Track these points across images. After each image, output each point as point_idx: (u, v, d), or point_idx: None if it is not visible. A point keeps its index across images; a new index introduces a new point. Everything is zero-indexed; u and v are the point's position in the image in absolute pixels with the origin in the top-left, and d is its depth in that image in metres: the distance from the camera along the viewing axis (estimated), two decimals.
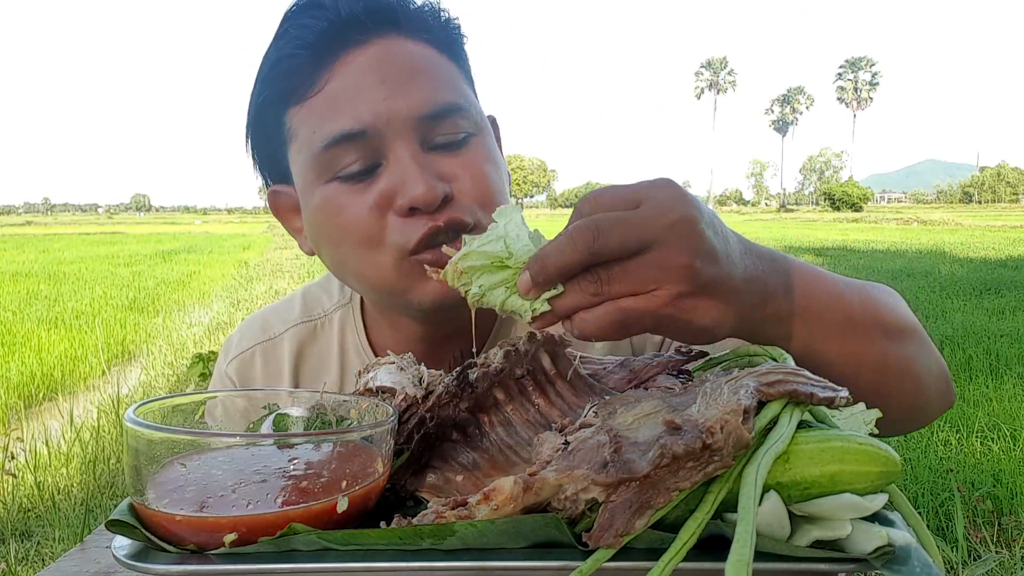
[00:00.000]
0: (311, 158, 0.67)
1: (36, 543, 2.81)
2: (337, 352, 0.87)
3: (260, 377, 0.88)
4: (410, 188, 0.65)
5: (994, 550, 2.56)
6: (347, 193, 0.67)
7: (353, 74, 0.66)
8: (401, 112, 0.66)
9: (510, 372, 0.59)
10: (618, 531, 0.42)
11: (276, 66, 0.67)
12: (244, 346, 0.89)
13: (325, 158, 0.66)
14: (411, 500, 0.58)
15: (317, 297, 0.91)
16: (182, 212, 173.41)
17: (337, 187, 0.68)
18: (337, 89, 0.66)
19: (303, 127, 0.67)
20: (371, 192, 0.67)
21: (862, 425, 0.52)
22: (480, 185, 0.70)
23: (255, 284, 11.08)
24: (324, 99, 0.66)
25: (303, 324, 0.89)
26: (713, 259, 0.51)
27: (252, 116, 0.72)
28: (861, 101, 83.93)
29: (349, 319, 0.88)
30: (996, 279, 9.17)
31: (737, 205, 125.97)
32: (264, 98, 0.69)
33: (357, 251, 0.69)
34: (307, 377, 0.88)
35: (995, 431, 3.60)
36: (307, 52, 0.66)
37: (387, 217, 0.67)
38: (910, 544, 0.44)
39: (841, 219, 39.17)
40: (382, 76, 0.66)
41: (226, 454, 0.52)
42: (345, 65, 0.66)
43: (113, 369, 5.82)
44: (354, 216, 0.67)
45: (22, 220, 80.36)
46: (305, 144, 0.67)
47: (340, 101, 0.66)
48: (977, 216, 40.35)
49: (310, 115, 0.67)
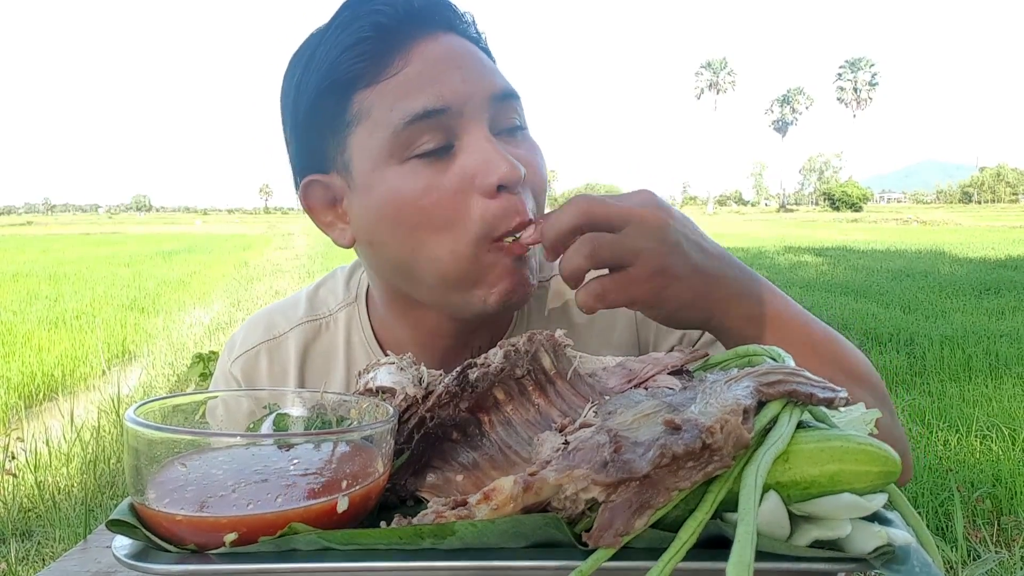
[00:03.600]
0: (389, 136, 0.67)
1: (36, 543, 2.81)
2: (343, 350, 0.87)
3: (265, 375, 0.87)
4: (495, 166, 0.66)
5: (993, 550, 2.56)
6: (428, 172, 0.68)
7: (428, 60, 0.68)
8: (477, 92, 0.68)
9: (510, 372, 0.59)
10: (618, 531, 0.42)
11: (348, 50, 0.68)
12: (248, 344, 0.89)
13: (404, 136, 0.67)
14: (411, 500, 0.58)
15: (322, 296, 0.91)
16: (182, 212, 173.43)
17: (416, 164, 0.68)
18: (413, 73, 0.68)
19: (377, 107, 0.68)
20: (450, 173, 0.68)
21: (862, 425, 0.52)
22: (539, 174, 0.73)
23: (255, 284, 11.08)
24: (401, 81, 0.67)
25: (308, 323, 0.89)
26: (682, 251, 0.63)
27: (304, 102, 0.71)
28: (861, 101, 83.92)
29: (355, 317, 0.88)
30: (996, 279, 9.17)
31: (737, 205, 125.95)
32: (329, 82, 0.69)
33: (437, 233, 0.68)
34: (313, 375, 0.87)
35: (994, 431, 3.60)
36: (381, 37, 0.68)
37: (471, 198, 0.68)
38: (909, 544, 0.44)
39: (841, 219, 39.18)
40: (456, 63, 0.69)
41: (226, 454, 0.52)
42: (418, 52, 0.68)
43: (113, 369, 5.82)
44: (438, 197, 0.67)
45: (23, 220, 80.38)
46: (380, 123, 0.68)
47: (419, 82, 0.67)
48: (977, 216, 40.34)
49: (385, 96, 0.68)
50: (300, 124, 0.72)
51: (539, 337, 0.61)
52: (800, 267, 11.71)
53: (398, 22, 0.68)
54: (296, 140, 0.74)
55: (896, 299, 7.91)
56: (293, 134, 0.74)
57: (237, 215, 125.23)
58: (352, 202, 0.73)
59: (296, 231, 33.81)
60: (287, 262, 15.04)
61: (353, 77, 0.68)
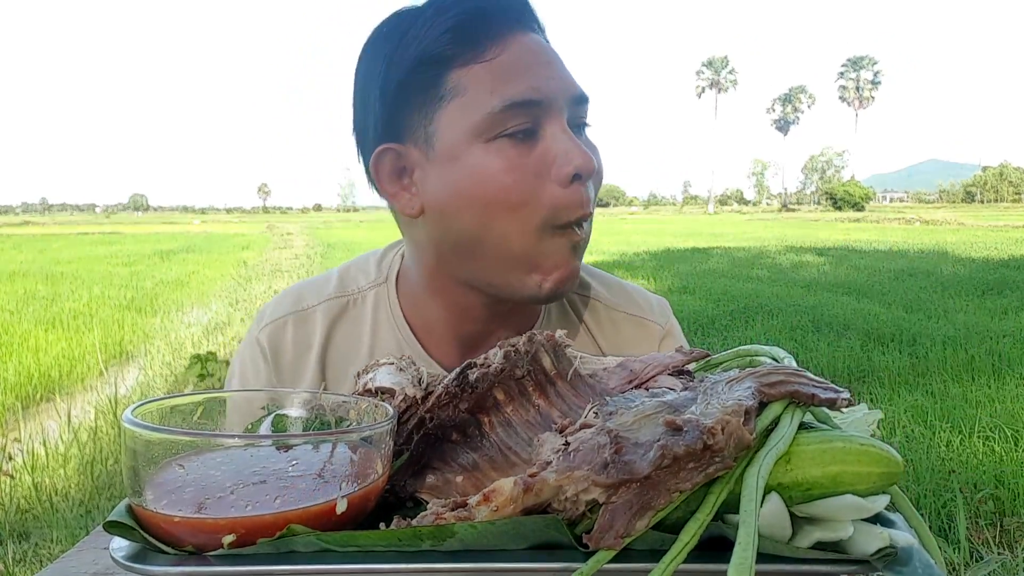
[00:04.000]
0: (484, 116, 0.72)
1: (34, 544, 2.81)
2: (370, 328, 0.90)
3: (290, 345, 0.89)
4: (573, 157, 0.72)
5: (996, 551, 2.56)
6: (512, 153, 0.73)
7: (522, 52, 0.74)
8: (562, 91, 0.74)
9: (510, 372, 0.59)
10: (619, 532, 0.42)
11: (449, 31, 0.73)
12: (277, 315, 0.91)
13: (498, 118, 0.72)
14: (411, 501, 0.58)
15: (353, 275, 0.94)
16: (180, 212, 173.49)
17: (504, 144, 0.73)
18: (509, 61, 0.73)
19: (474, 87, 0.73)
20: (532, 156, 0.73)
21: (864, 426, 0.52)
22: (600, 172, 0.78)
23: (254, 284, 11.08)
24: (499, 66, 0.73)
25: (336, 299, 0.92)
26: None
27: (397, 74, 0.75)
28: (863, 100, 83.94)
29: (384, 297, 0.91)
30: (999, 279, 9.16)
31: (738, 205, 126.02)
32: (427, 58, 0.73)
33: (511, 211, 0.73)
34: (336, 351, 0.90)
35: (997, 432, 3.59)
36: (480, 23, 0.73)
37: (546, 183, 0.73)
38: (912, 545, 0.43)
39: (843, 219, 39.18)
40: (546, 59, 0.75)
41: (225, 455, 0.52)
42: (514, 43, 0.74)
43: (111, 369, 5.81)
44: (520, 178, 0.72)
45: (19, 220, 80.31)
46: (475, 103, 0.72)
47: (517, 70, 0.73)
48: (979, 216, 40.34)
49: (483, 78, 0.72)
50: (389, 94, 0.76)
51: (539, 338, 0.61)
52: (802, 267, 11.71)
53: (494, 12, 0.74)
54: (379, 110, 0.77)
55: (898, 299, 7.91)
56: (379, 103, 0.77)
57: (236, 214, 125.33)
58: (428, 173, 0.76)
59: (295, 231, 33.84)
60: (286, 262, 15.04)
61: (451, 56, 0.73)
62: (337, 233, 29.03)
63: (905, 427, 3.71)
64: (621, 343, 0.94)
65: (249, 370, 0.89)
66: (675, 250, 15.80)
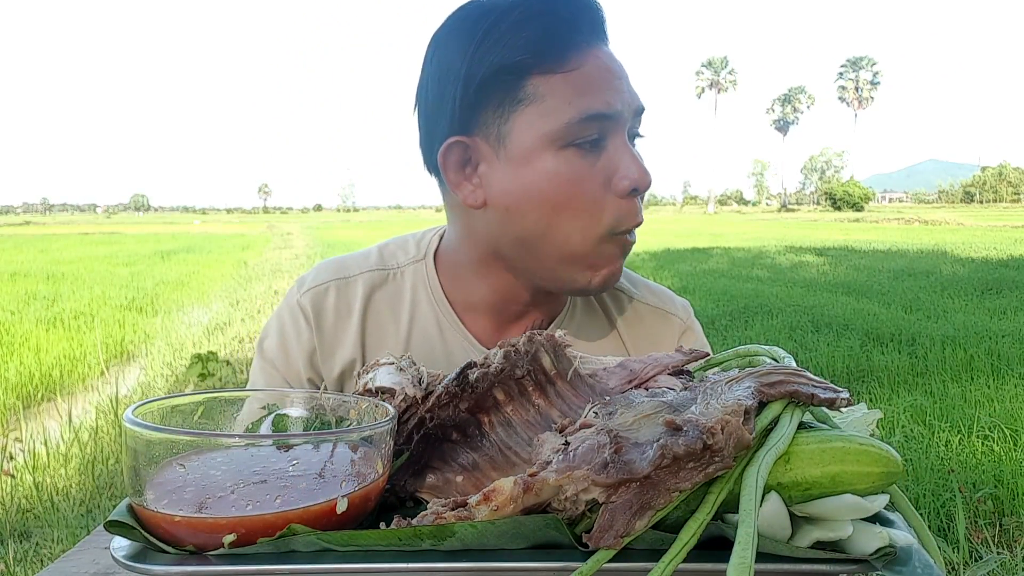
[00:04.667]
0: (562, 125, 0.76)
1: (35, 544, 2.81)
2: (408, 301, 0.94)
3: (332, 310, 0.93)
4: (633, 171, 0.77)
5: (995, 551, 2.56)
6: (581, 163, 0.77)
7: (600, 66, 0.78)
8: (630, 106, 0.79)
9: (510, 372, 0.59)
10: (618, 532, 0.42)
11: (535, 38, 0.76)
12: (319, 281, 0.95)
13: (573, 128, 0.76)
14: (411, 501, 0.58)
15: (392, 252, 0.98)
16: (181, 212, 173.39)
17: (573, 154, 0.77)
18: (588, 73, 0.76)
19: (552, 96, 0.76)
20: (597, 167, 0.78)
21: (863, 426, 0.52)
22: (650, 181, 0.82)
23: (254, 284, 11.07)
24: (578, 78, 0.76)
25: (377, 271, 0.96)
26: None
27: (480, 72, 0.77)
28: (862, 100, 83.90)
29: (422, 273, 0.95)
30: (998, 279, 9.16)
31: (738, 205, 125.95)
32: (511, 61, 0.76)
33: (576, 217, 0.78)
34: (374, 320, 0.93)
35: (996, 431, 3.59)
36: (564, 34, 0.76)
37: (608, 194, 0.78)
38: (911, 545, 0.44)
39: (842, 219, 39.15)
40: (619, 75, 0.79)
41: (225, 455, 0.52)
42: (592, 56, 0.77)
43: (112, 369, 5.81)
44: (587, 187, 0.77)
45: (20, 220, 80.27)
46: (554, 110, 0.76)
47: (594, 84, 0.76)
48: (979, 216, 40.30)
49: (563, 88, 0.76)
50: (470, 92, 0.78)
51: (539, 337, 0.61)
52: (801, 267, 11.71)
53: (578, 24, 0.77)
54: (458, 104, 0.80)
55: (898, 299, 7.91)
56: (459, 98, 0.79)
57: (236, 215, 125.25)
58: (495, 170, 0.80)
59: (295, 231, 33.82)
60: (286, 262, 15.03)
61: (533, 63, 0.76)
62: (337, 233, 29.01)
63: (904, 427, 3.71)
64: (643, 333, 0.97)
65: (291, 331, 0.92)
66: (675, 250, 15.80)
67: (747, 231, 25.73)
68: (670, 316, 0.98)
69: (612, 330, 0.96)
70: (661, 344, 0.96)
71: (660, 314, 0.98)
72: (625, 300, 0.98)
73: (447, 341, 0.91)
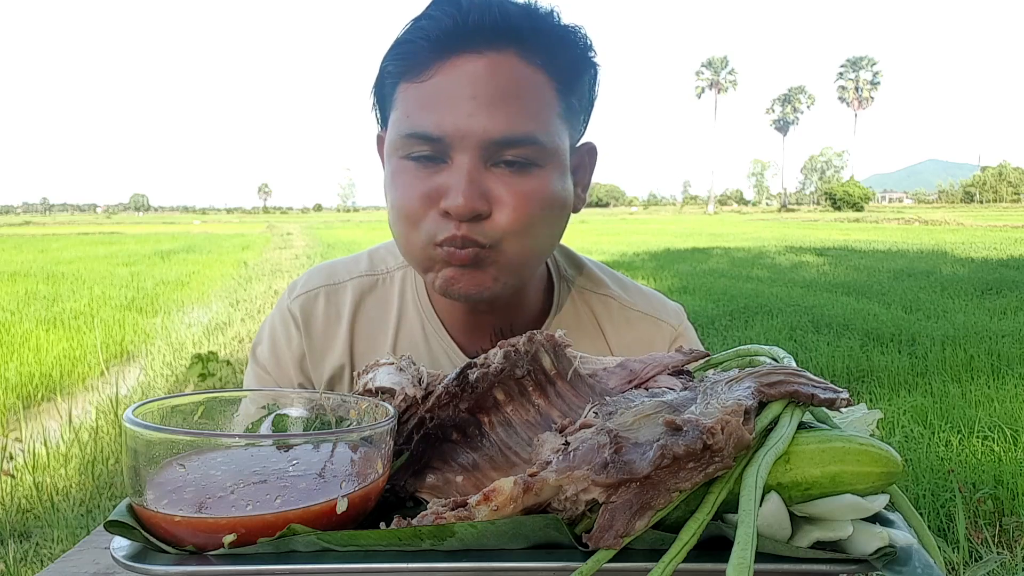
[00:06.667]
0: (396, 136, 0.77)
1: (35, 544, 2.81)
2: (396, 307, 0.94)
3: (321, 315, 0.94)
4: (452, 197, 0.73)
5: (995, 551, 2.56)
6: (413, 174, 0.76)
7: (456, 78, 0.73)
8: (476, 132, 0.72)
9: (510, 372, 0.59)
10: (618, 532, 0.42)
11: (399, 46, 0.76)
12: (309, 287, 0.96)
13: (404, 142, 0.76)
14: (411, 501, 0.58)
15: (382, 256, 0.99)
16: (181, 212, 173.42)
17: (407, 164, 0.77)
18: (438, 86, 0.74)
19: (404, 105, 0.76)
20: (428, 182, 0.76)
21: (863, 426, 0.52)
22: (519, 216, 0.75)
23: (254, 284, 11.07)
24: (426, 90, 0.74)
25: (366, 277, 0.97)
26: None
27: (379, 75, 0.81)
28: (862, 100, 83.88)
29: (409, 278, 0.96)
30: (998, 279, 9.16)
31: (738, 205, 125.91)
32: (386, 67, 0.78)
33: (404, 223, 0.78)
34: (363, 325, 0.94)
35: (996, 431, 3.59)
36: (427, 44, 0.74)
37: (431, 209, 0.76)
38: (911, 545, 0.44)
39: (842, 219, 39.14)
40: (476, 91, 0.72)
41: (225, 455, 0.52)
42: (454, 67, 0.73)
43: (112, 369, 5.81)
44: (410, 197, 0.76)
45: (20, 220, 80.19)
46: (397, 122, 0.77)
47: (434, 100, 0.73)
48: (979, 216, 40.28)
49: (409, 99, 0.76)
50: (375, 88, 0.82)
51: (539, 337, 0.61)
52: (801, 267, 11.71)
53: (451, 33, 0.73)
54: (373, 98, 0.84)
55: (898, 299, 7.91)
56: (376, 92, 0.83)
57: (236, 215, 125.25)
58: None
59: (295, 231, 33.82)
60: (286, 262, 15.02)
61: (400, 70, 0.77)
62: (337, 233, 29.00)
63: (904, 427, 3.71)
64: (632, 340, 0.95)
65: (281, 337, 0.93)
66: (675, 250, 15.80)
67: (747, 231, 25.72)
68: (660, 323, 0.97)
69: (599, 336, 0.95)
70: (651, 351, 0.93)
71: (650, 320, 0.96)
72: (615, 306, 0.96)
73: (432, 349, 0.91)
